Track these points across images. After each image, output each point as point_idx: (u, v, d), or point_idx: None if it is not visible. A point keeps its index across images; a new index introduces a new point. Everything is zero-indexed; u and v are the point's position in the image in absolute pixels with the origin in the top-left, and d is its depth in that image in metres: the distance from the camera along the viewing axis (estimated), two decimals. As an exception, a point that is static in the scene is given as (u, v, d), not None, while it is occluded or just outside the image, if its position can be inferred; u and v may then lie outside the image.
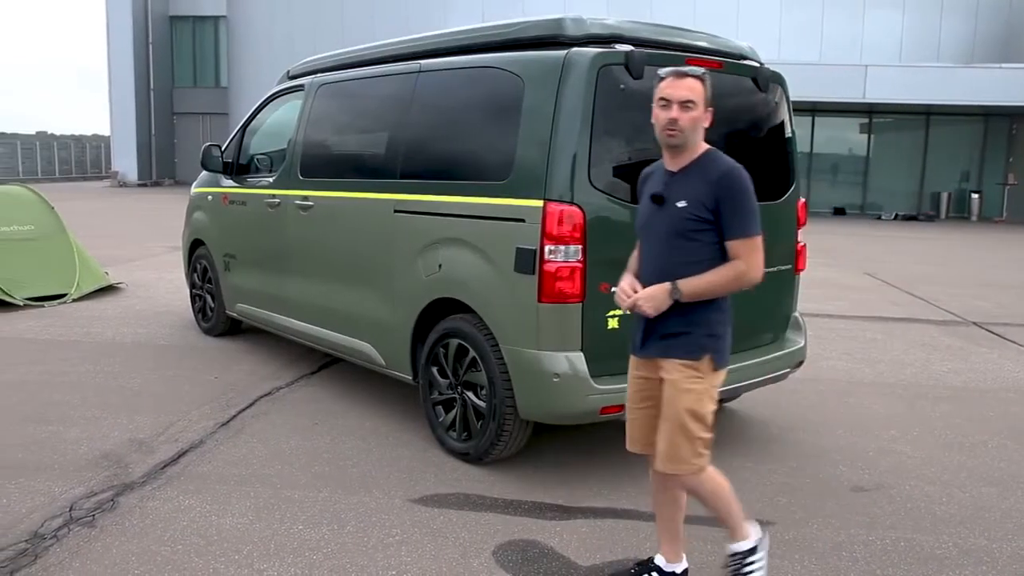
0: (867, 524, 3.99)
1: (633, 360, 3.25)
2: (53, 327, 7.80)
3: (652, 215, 3.14)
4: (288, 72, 6.81)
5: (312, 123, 5.96)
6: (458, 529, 3.84)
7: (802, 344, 5.11)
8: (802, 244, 5.13)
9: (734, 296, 3.16)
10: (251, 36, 32.31)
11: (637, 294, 3.07)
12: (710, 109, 3.06)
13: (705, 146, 3.11)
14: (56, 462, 4.52)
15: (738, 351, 4.69)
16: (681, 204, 3.03)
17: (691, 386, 3.06)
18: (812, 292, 10.03)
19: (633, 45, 4.23)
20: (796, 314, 5.23)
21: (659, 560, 3.39)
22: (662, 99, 3.03)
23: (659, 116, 3.04)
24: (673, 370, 3.08)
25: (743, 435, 5.21)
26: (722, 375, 3.17)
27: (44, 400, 5.59)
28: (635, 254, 3.28)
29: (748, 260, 3.02)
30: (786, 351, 4.99)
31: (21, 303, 8.57)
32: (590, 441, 4.96)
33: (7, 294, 8.52)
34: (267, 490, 4.21)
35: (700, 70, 3.05)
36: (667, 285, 3.01)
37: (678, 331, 3.08)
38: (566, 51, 4.15)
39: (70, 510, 3.94)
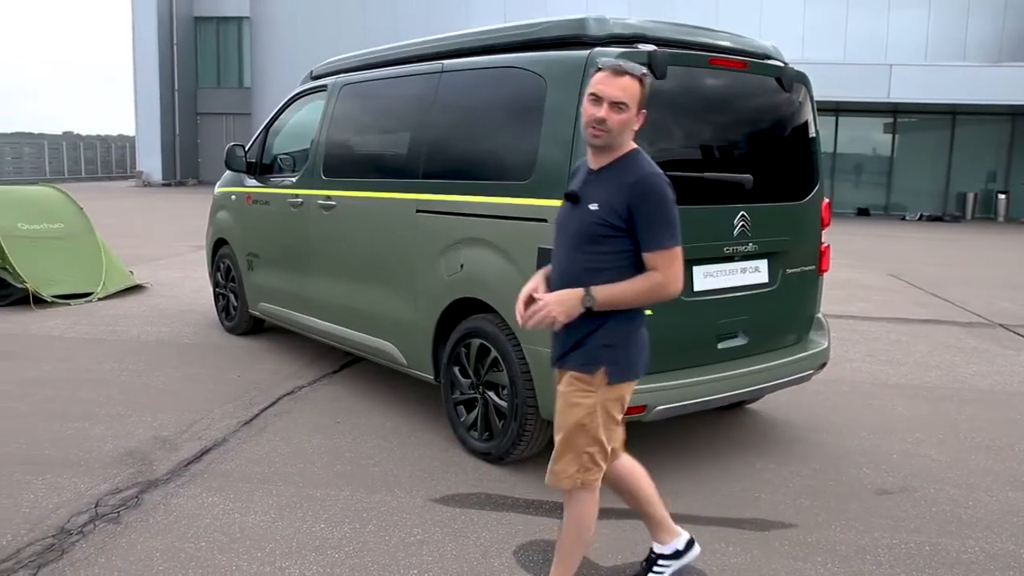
0: (891, 527, 3.96)
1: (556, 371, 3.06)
2: (79, 325, 7.88)
3: (567, 214, 2.96)
4: (311, 72, 6.84)
5: (335, 123, 5.99)
6: (479, 529, 3.84)
7: (825, 345, 5.07)
8: (826, 245, 5.10)
9: (763, 296, 3.11)
10: (274, 37, 32.52)
11: (545, 298, 2.85)
12: (643, 112, 2.87)
13: (632, 146, 2.92)
14: (82, 459, 4.56)
15: (761, 352, 4.70)
16: (593, 207, 2.85)
17: (579, 400, 2.90)
18: (836, 293, 9.97)
19: (656, 45, 4.22)
20: (819, 315, 5.19)
21: (656, 548, 3.36)
22: (593, 94, 2.81)
23: (587, 112, 2.82)
24: (566, 384, 2.94)
25: (765, 436, 5.18)
26: (625, 388, 2.97)
27: (70, 397, 5.65)
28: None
29: (665, 272, 2.82)
30: (809, 352, 4.96)
31: (49, 300, 8.67)
32: (611, 442, 4.94)
33: (36, 292, 8.61)
34: (289, 488, 4.23)
35: (641, 69, 2.84)
36: (580, 291, 2.81)
37: (575, 341, 2.91)
38: (588, 51, 4.14)
39: (96, 506, 3.98)
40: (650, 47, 4.15)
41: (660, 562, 3.36)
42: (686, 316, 4.32)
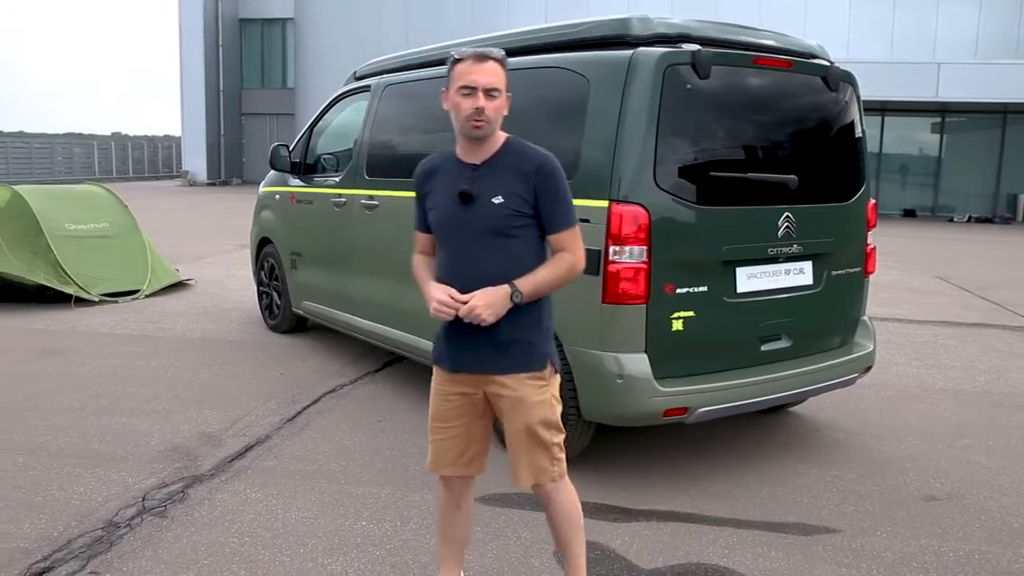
0: (939, 535, 3.89)
1: (445, 376, 2.92)
2: (126, 322, 8.02)
3: (458, 214, 2.80)
4: (355, 73, 6.90)
5: (378, 123, 6.03)
6: (520, 529, 3.85)
7: (871, 348, 5.00)
8: (872, 246, 5.03)
9: (807, 298, 3.08)
10: (318, 38, 32.84)
11: (471, 301, 2.70)
12: (509, 95, 2.83)
13: (504, 134, 2.87)
14: (130, 453, 4.64)
15: (805, 355, 4.65)
16: (498, 200, 2.75)
17: (540, 398, 2.84)
18: (881, 296, 9.82)
19: (700, 44, 4.19)
20: (865, 318, 5.12)
21: None
22: (464, 87, 2.71)
23: (462, 105, 2.73)
24: (519, 386, 2.82)
25: (808, 440, 5.12)
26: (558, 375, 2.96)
27: (118, 393, 5.75)
28: (421, 260, 3.00)
29: (576, 251, 2.82)
30: (854, 355, 4.89)
31: (97, 299, 8.83)
32: (652, 443, 4.92)
33: (84, 290, 8.78)
34: (332, 486, 4.27)
35: (500, 52, 2.77)
36: (505, 288, 2.72)
37: (515, 340, 2.80)
38: (632, 51, 4.13)
39: (143, 500, 4.05)
40: (694, 46, 4.13)
41: None
42: (729, 318, 4.29)
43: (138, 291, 9.25)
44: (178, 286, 9.94)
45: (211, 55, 36.00)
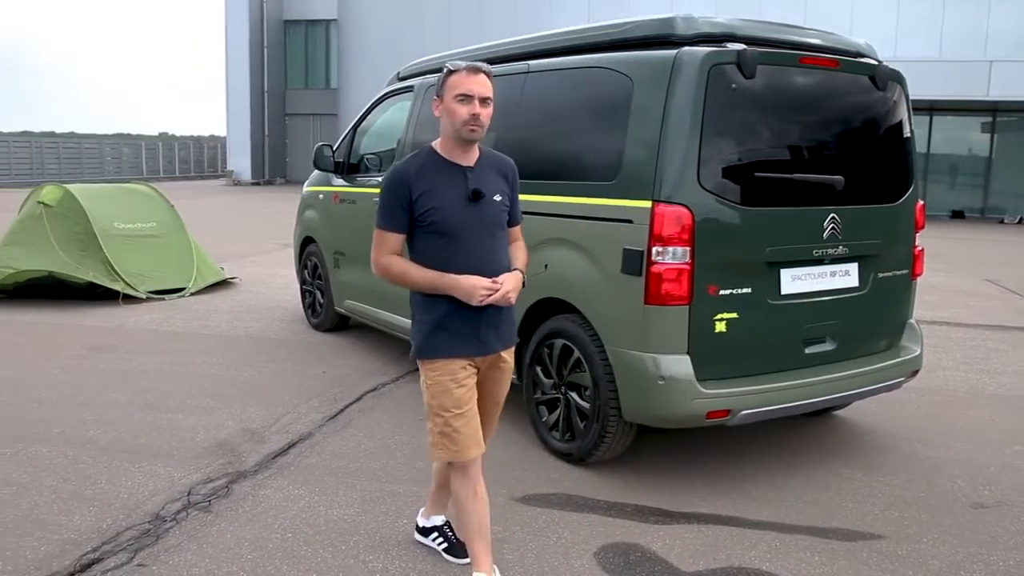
0: (988, 543, 3.81)
1: (460, 364, 3.09)
2: (172, 319, 8.15)
3: (468, 211, 3.05)
4: (398, 74, 6.94)
5: (421, 124, 6.05)
6: (560, 529, 3.84)
7: (918, 352, 4.92)
8: (920, 248, 4.94)
9: (853, 300, 3.06)
10: (361, 39, 33.07)
11: (504, 286, 3.04)
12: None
13: None
14: (175, 448, 4.72)
15: (850, 358, 4.59)
16: (497, 198, 3.12)
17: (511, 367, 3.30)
18: (929, 298, 9.66)
19: (745, 44, 4.15)
20: (912, 320, 5.04)
21: (437, 520, 3.61)
22: (461, 95, 2.98)
23: (459, 111, 2.99)
24: (510, 356, 3.26)
25: (853, 444, 5.05)
26: None
27: (165, 389, 5.84)
28: (402, 261, 3.12)
29: (523, 238, 3.33)
30: (901, 359, 4.82)
31: (144, 296, 8.99)
32: (694, 445, 4.89)
33: (132, 288, 8.94)
34: (373, 483, 4.30)
35: (489, 67, 3.06)
36: (519, 272, 3.16)
37: (509, 319, 3.22)
38: (676, 50, 4.10)
39: (188, 495, 4.11)
40: (739, 46, 4.10)
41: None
42: (772, 320, 4.25)
43: (184, 289, 9.39)
44: (223, 284, 10.08)
45: (256, 56, 36.43)
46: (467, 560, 3.35)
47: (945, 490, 4.41)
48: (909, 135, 4.84)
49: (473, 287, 3.00)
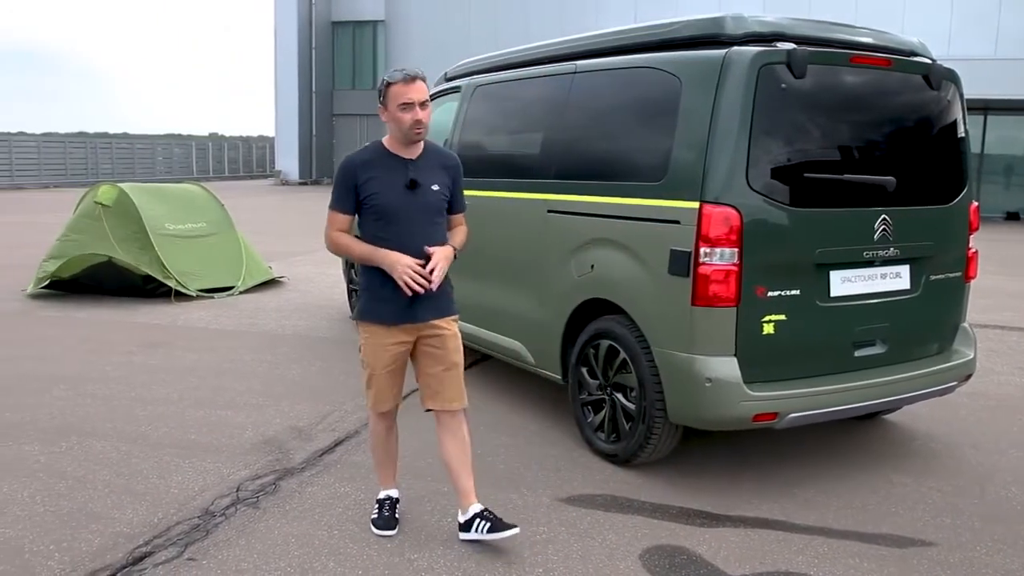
0: (1043, 551, 3.73)
1: (388, 330, 3.57)
2: (222, 317, 8.28)
3: (406, 198, 3.49)
4: (445, 74, 6.97)
5: (468, 124, 6.08)
6: (605, 531, 3.83)
7: (971, 356, 4.83)
8: (974, 250, 4.85)
9: (904, 303, 3.02)
10: (407, 40, 33.28)
11: (433, 262, 3.45)
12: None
13: None
14: (224, 445, 4.79)
15: (901, 361, 4.52)
16: (435, 188, 3.56)
17: (458, 335, 3.68)
18: (981, 302, 9.44)
19: (795, 43, 4.11)
20: (965, 324, 4.94)
21: (474, 509, 3.70)
22: (404, 103, 3.40)
23: (403, 118, 3.42)
24: (449, 325, 3.64)
25: (904, 449, 4.97)
26: None
27: (214, 385, 5.94)
28: (346, 236, 3.56)
29: (465, 223, 3.79)
30: (953, 363, 4.73)
31: (194, 294, 9.14)
32: (741, 447, 4.85)
33: (183, 285, 9.10)
34: (418, 482, 4.33)
35: (422, 72, 3.45)
36: (449, 250, 3.55)
37: (445, 291, 3.60)
38: (725, 50, 4.07)
39: (237, 491, 4.18)
40: (790, 45, 4.05)
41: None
42: (822, 323, 4.20)
43: (233, 287, 9.54)
44: (271, 283, 10.22)
45: (304, 57, 36.83)
46: (514, 531, 3.62)
47: (998, 497, 4.32)
48: (963, 135, 4.75)
49: (396, 261, 3.43)
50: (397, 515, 3.85)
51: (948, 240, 4.69)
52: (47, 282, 9.14)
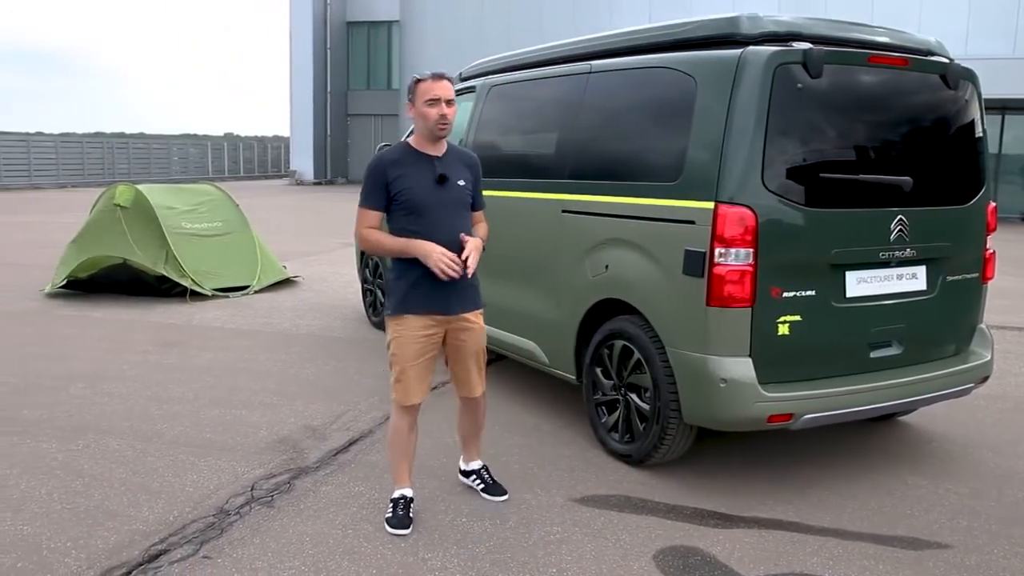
0: (1061, 554, 3.70)
1: (421, 319, 3.69)
2: (237, 317, 8.31)
3: (435, 192, 3.65)
4: (460, 74, 6.96)
5: (483, 124, 6.08)
6: (619, 531, 3.83)
7: (988, 358, 4.79)
8: (991, 251, 4.82)
9: (921, 304, 3.01)
10: (422, 40, 33.28)
11: (467, 253, 3.59)
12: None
13: None
14: (239, 444, 4.81)
15: (917, 363, 4.49)
16: (461, 183, 3.73)
17: (484, 327, 3.90)
18: (998, 303, 9.37)
19: (811, 43, 4.09)
20: (982, 325, 4.91)
21: (475, 464, 4.22)
22: (431, 99, 3.59)
23: (430, 113, 3.60)
24: (477, 318, 3.83)
25: (919, 451, 4.94)
26: None
27: (229, 385, 5.97)
28: (377, 232, 3.68)
29: (486, 220, 3.95)
30: (970, 365, 4.70)
31: (210, 294, 9.19)
32: (755, 448, 4.83)
33: (198, 285, 9.14)
34: (432, 482, 4.33)
35: (449, 72, 3.66)
36: (479, 241, 3.72)
37: (474, 284, 3.78)
38: (741, 50, 4.05)
39: (251, 489, 4.19)
40: (806, 45, 4.03)
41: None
42: (837, 323, 4.18)
43: (248, 287, 9.58)
44: (285, 282, 10.25)
45: (319, 57, 36.96)
46: (504, 497, 4.09)
47: (1016, 500, 4.29)
48: (981, 135, 4.72)
49: (431, 250, 3.56)
50: (411, 514, 3.85)
51: (965, 241, 4.66)
52: (64, 282, 9.21)
